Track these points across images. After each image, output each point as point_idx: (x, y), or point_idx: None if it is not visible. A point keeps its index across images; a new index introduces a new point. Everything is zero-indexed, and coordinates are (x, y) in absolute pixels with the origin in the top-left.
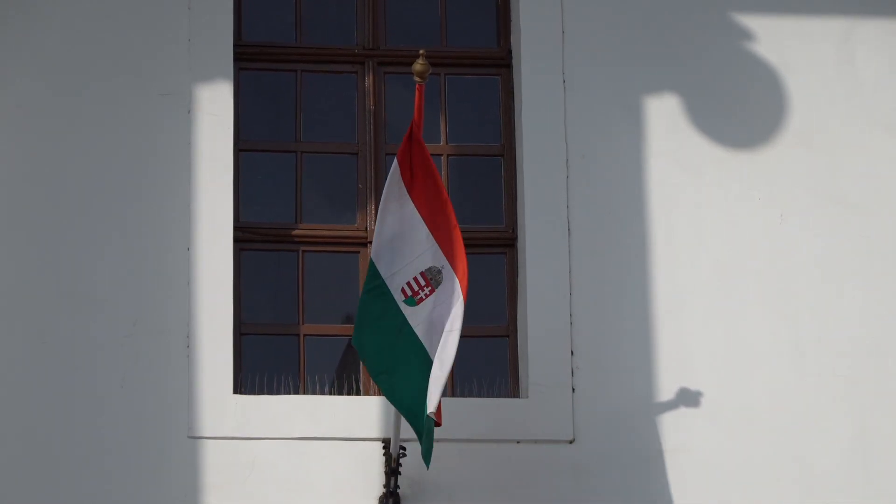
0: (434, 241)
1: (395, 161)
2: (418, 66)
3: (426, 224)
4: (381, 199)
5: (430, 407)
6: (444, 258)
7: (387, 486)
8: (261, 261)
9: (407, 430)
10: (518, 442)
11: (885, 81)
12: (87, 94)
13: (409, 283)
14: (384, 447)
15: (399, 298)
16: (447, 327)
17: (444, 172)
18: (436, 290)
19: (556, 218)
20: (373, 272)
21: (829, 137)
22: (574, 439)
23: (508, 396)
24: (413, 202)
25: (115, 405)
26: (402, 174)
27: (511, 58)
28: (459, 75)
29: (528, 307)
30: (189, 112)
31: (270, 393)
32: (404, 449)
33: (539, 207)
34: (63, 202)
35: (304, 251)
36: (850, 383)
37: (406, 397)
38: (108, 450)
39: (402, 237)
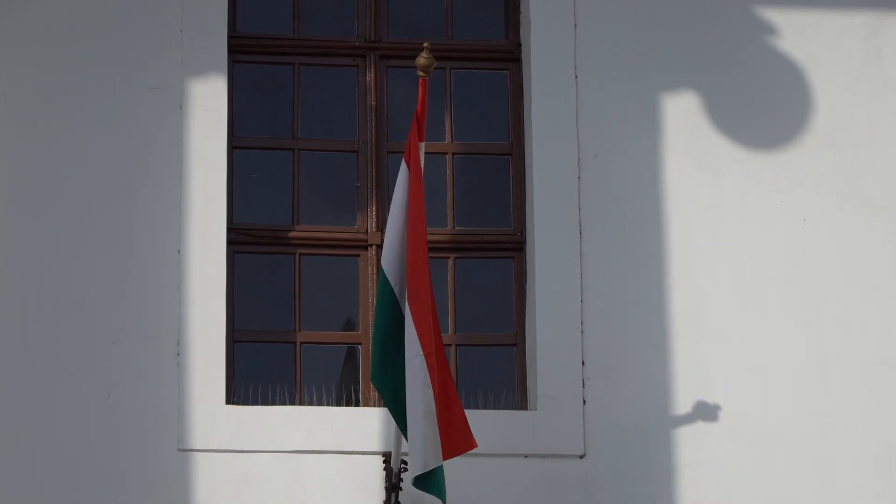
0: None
1: (403, 163)
2: (422, 59)
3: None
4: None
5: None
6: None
7: (387, 502)
8: (255, 264)
9: (410, 443)
10: (526, 456)
11: None
12: (72, 89)
13: None
14: (385, 461)
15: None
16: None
17: (449, 172)
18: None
19: (566, 220)
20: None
21: (854, 137)
22: (585, 454)
23: (516, 408)
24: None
25: (102, 416)
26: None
27: (520, 51)
28: (466, 70)
29: (536, 314)
30: (181, 107)
31: (265, 404)
32: (406, 463)
33: (549, 209)
34: (48, 201)
35: (301, 254)
36: (876, 396)
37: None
38: (95, 463)
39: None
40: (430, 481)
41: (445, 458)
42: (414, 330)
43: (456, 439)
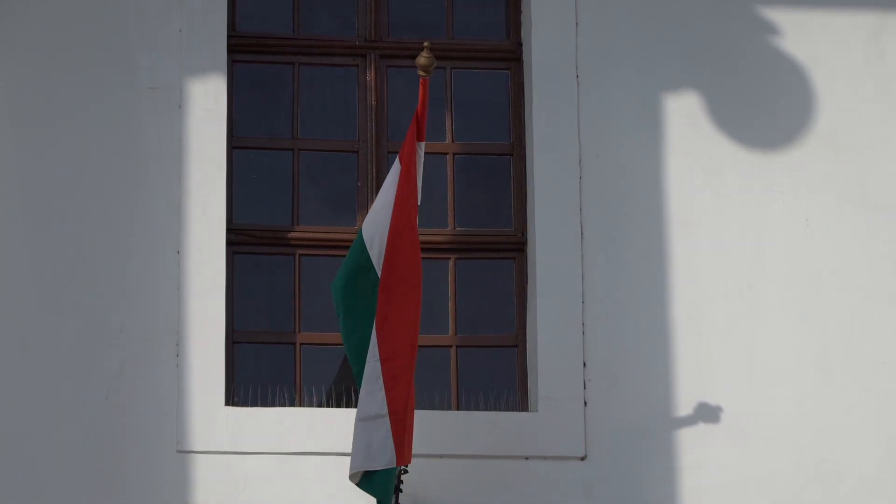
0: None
1: (397, 160)
2: (423, 59)
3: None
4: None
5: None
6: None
7: None
8: (255, 265)
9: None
10: (527, 458)
11: None
12: (71, 88)
13: None
14: None
15: None
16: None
17: (449, 172)
18: None
19: (568, 221)
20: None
21: (857, 138)
22: (586, 456)
23: (517, 410)
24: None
25: (100, 417)
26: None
27: (521, 51)
28: (466, 69)
29: (538, 315)
30: (180, 107)
31: (264, 405)
32: (406, 465)
33: (550, 210)
34: (47, 201)
35: (300, 255)
36: (880, 398)
37: None
38: (93, 465)
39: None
40: (372, 483)
41: (400, 462)
42: (375, 333)
43: (409, 447)
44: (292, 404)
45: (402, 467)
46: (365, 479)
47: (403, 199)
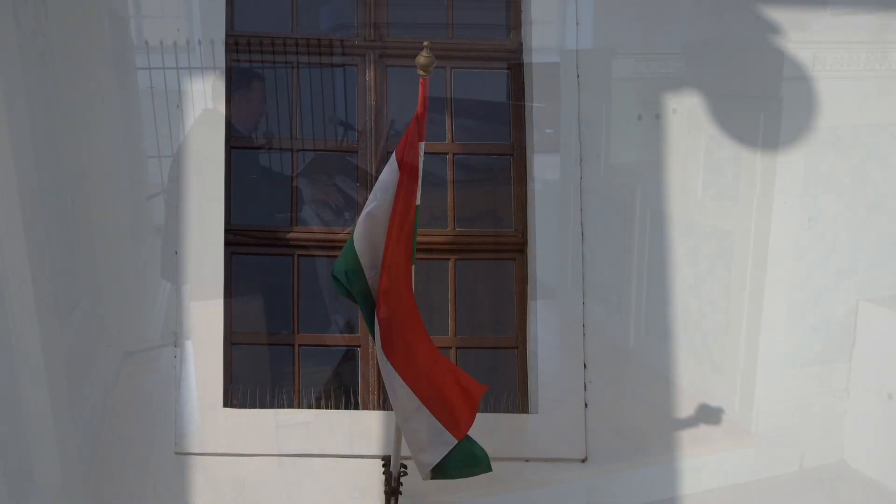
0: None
1: (393, 157)
2: (423, 59)
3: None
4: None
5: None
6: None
7: None
8: (254, 265)
9: (408, 447)
10: (527, 460)
11: None
12: (70, 88)
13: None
14: (384, 465)
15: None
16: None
17: (449, 172)
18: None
19: (568, 221)
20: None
21: (860, 138)
22: (587, 458)
23: (516, 412)
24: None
25: (97, 419)
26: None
27: (522, 51)
28: (466, 69)
29: (538, 316)
30: (178, 107)
31: (263, 406)
32: (405, 467)
33: (550, 210)
34: (46, 201)
35: (299, 255)
36: (882, 399)
37: None
38: (90, 466)
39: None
40: (449, 470)
41: (459, 436)
42: (380, 341)
43: (464, 411)
44: (291, 406)
45: (402, 468)
46: (440, 472)
47: (404, 201)
